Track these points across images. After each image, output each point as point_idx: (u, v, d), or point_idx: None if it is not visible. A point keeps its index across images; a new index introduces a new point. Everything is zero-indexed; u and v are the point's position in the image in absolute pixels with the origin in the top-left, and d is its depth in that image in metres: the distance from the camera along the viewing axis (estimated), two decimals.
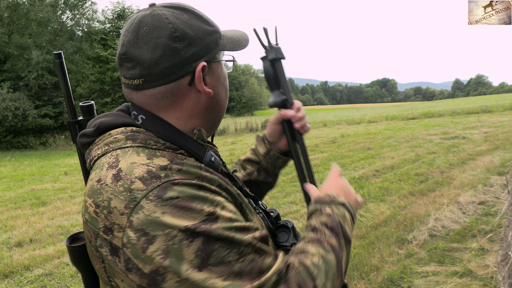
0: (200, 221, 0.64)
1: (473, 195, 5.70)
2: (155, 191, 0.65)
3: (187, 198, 0.65)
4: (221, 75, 0.85)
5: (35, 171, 11.82)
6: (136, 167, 0.68)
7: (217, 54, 0.82)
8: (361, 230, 4.80)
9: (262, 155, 1.15)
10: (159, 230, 0.62)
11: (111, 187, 0.67)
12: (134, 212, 0.64)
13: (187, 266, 0.62)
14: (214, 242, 0.63)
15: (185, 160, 0.74)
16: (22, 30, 23.35)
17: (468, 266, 3.54)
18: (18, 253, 4.74)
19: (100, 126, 0.77)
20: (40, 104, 22.64)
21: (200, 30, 0.78)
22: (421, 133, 13.82)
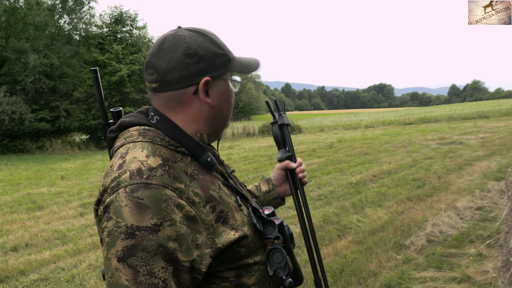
0: (143, 226, 0.77)
1: (470, 201, 5.70)
2: (132, 186, 0.81)
3: (147, 203, 0.79)
4: (225, 91, 1.01)
5: (32, 175, 11.76)
6: (134, 161, 0.85)
7: (224, 73, 0.99)
8: (358, 235, 4.79)
9: (262, 192, 1.37)
10: (115, 215, 0.79)
11: (114, 173, 0.85)
12: (113, 194, 0.82)
13: (113, 251, 0.77)
14: (139, 250, 0.77)
15: (177, 163, 0.90)
16: (20, 34, 23.28)
17: (466, 272, 3.53)
18: (14, 258, 4.70)
19: (121, 124, 0.99)
20: (37, 108, 22.51)
21: (210, 51, 0.95)
22: (418, 138, 13.86)
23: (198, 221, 0.85)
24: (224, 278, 0.93)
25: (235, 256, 0.93)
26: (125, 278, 0.76)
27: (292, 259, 1.07)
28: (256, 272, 0.98)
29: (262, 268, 1.00)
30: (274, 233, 1.02)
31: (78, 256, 4.66)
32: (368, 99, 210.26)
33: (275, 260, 0.98)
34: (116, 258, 0.77)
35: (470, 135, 13.74)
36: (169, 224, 0.80)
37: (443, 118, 22.98)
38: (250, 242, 0.96)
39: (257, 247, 0.99)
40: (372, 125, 23.24)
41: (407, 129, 18.77)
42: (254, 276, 0.97)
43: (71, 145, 22.53)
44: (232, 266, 0.93)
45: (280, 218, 1.07)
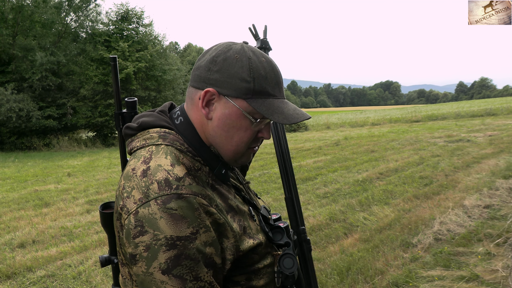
0: (182, 235, 0.79)
1: (478, 199, 5.65)
2: (163, 198, 0.80)
3: (181, 214, 0.80)
4: (229, 117, 0.92)
5: (39, 172, 11.82)
6: (160, 170, 0.85)
7: (236, 98, 0.91)
8: (365, 233, 4.77)
9: None
10: (151, 228, 0.79)
11: (138, 179, 0.85)
12: (143, 206, 0.81)
13: (156, 265, 0.78)
14: (183, 259, 0.78)
15: (199, 173, 0.91)
16: (26, 32, 23.39)
17: (474, 271, 3.49)
18: (21, 254, 4.72)
19: (142, 124, 0.96)
20: (44, 106, 22.62)
21: (233, 71, 0.90)
22: (425, 136, 13.77)
23: (227, 228, 0.88)
24: (235, 282, 0.95)
25: (249, 262, 0.96)
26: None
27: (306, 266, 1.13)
28: (265, 275, 1.00)
29: (270, 271, 1.01)
30: (284, 238, 1.04)
31: (85, 253, 4.67)
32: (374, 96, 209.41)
33: (287, 265, 1.00)
34: (160, 271, 0.78)
35: (478, 132, 13.62)
36: (204, 230, 0.82)
37: (451, 116, 22.82)
38: (262, 249, 0.99)
39: (266, 252, 1.01)
40: (379, 123, 23.14)
41: (414, 126, 18.66)
42: (263, 279, 0.99)
43: (78, 142, 22.65)
44: (244, 271, 0.96)
45: (286, 222, 1.11)
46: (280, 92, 0.96)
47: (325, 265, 3.96)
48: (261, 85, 0.91)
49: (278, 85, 0.95)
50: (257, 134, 0.97)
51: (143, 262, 0.79)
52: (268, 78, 0.93)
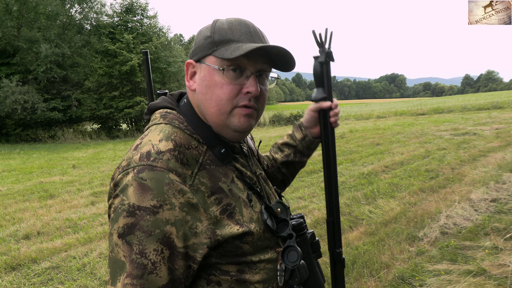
0: (143, 206, 0.79)
1: (485, 192, 5.59)
2: (140, 167, 0.84)
3: (149, 185, 0.81)
4: (205, 77, 0.93)
5: (44, 164, 11.87)
6: (147, 144, 0.88)
7: (205, 57, 0.93)
8: (370, 226, 4.73)
9: (299, 140, 1.32)
10: (122, 193, 0.82)
11: (130, 152, 0.90)
12: (123, 174, 0.85)
13: (115, 227, 0.81)
14: (137, 229, 0.79)
15: (191, 150, 0.90)
16: (31, 24, 23.40)
17: (481, 265, 3.45)
18: (26, 246, 4.73)
19: (150, 107, 1.03)
20: (48, 98, 22.69)
21: (201, 34, 0.96)
22: (431, 129, 13.67)
23: (200, 209, 0.85)
24: (224, 271, 0.91)
25: (237, 252, 0.91)
26: (123, 254, 0.79)
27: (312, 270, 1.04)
28: (262, 270, 0.95)
29: (270, 268, 0.96)
30: (287, 231, 0.99)
31: (89, 245, 4.67)
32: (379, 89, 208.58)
33: (290, 259, 0.95)
34: (117, 234, 0.80)
35: (484, 125, 13.51)
36: (169, 208, 0.81)
37: (457, 109, 22.66)
38: (256, 240, 0.93)
39: (266, 245, 0.96)
40: (384, 116, 23.03)
41: (419, 119, 18.56)
42: (258, 274, 0.94)
43: (83, 134, 22.73)
44: (233, 260, 0.91)
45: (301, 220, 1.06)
46: (250, 38, 0.92)
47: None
48: (222, 35, 0.92)
49: (248, 33, 0.93)
50: (241, 89, 0.93)
51: (110, 223, 0.83)
52: (233, 28, 0.92)
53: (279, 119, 22.81)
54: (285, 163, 1.35)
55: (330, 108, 1.21)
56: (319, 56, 1.20)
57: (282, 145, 1.36)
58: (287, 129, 18.61)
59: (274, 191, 1.16)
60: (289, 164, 1.36)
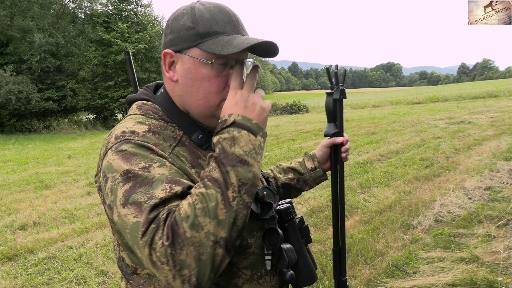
0: (134, 168, 0.79)
1: (479, 181, 5.64)
2: (117, 145, 0.85)
3: (131, 151, 0.82)
4: (190, 70, 0.91)
5: (39, 154, 11.83)
6: (120, 128, 0.89)
7: (187, 48, 0.91)
8: (365, 215, 4.77)
9: (308, 169, 1.35)
10: (110, 173, 0.82)
11: (105, 140, 0.91)
12: (104, 158, 0.86)
13: (118, 202, 0.78)
14: (137, 187, 0.77)
15: (167, 131, 0.93)
16: (24, 13, 23.13)
17: (474, 252, 3.50)
18: (22, 236, 4.74)
19: (127, 99, 1.04)
20: (43, 88, 22.53)
21: (180, 24, 0.92)
22: (426, 118, 13.72)
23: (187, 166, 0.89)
24: None
25: None
26: (133, 216, 0.76)
27: (302, 254, 1.04)
28: (250, 256, 0.95)
29: (258, 253, 0.96)
30: (270, 213, 0.98)
31: (86, 235, 4.69)
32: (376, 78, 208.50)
33: (271, 241, 0.95)
34: (121, 206, 0.77)
35: (479, 114, 13.57)
36: (159, 164, 0.82)
37: (452, 98, 22.72)
38: None
39: (251, 229, 0.96)
40: (380, 105, 23.05)
41: (415, 108, 18.59)
42: (247, 260, 0.94)
43: (78, 125, 22.63)
44: None
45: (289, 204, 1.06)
46: (234, 29, 0.92)
47: (325, 246, 3.97)
48: (207, 26, 0.90)
49: (231, 23, 0.92)
50: (227, 81, 0.92)
51: (114, 207, 0.80)
52: (216, 18, 0.90)
53: (275, 108, 22.79)
54: (286, 185, 1.36)
55: (342, 144, 1.30)
56: (333, 93, 1.27)
57: (288, 168, 1.38)
58: (283, 118, 18.61)
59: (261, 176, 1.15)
60: (289, 188, 1.37)
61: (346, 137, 1.31)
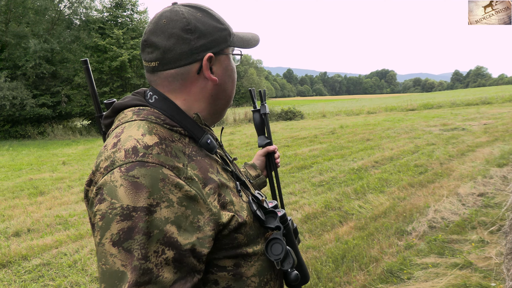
0: (139, 206, 0.73)
1: (472, 187, 5.68)
2: (128, 165, 0.76)
3: (143, 182, 0.74)
4: (228, 67, 0.98)
5: (33, 160, 11.77)
6: (129, 140, 0.81)
7: (225, 48, 0.96)
8: (360, 221, 4.79)
9: (253, 177, 1.46)
10: (109, 196, 0.74)
11: (107, 151, 0.81)
12: (108, 174, 0.77)
13: (108, 235, 0.72)
14: (136, 232, 0.72)
15: (175, 143, 0.86)
16: (19, 19, 23.10)
17: (468, 258, 3.53)
18: (16, 243, 4.72)
19: (115, 106, 0.95)
20: (38, 94, 22.47)
21: (210, 26, 0.92)
22: (421, 125, 13.80)
23: (200, 201, 0.81)
24: (222, 267, 0.88)
25: (233, 243, 0.88)
26: (121, 264, 0.71)
27: (296, 255, 1.05)
28: (256, 262, 0.94)
29: (263, 259, 0.95)
30: (275, 222, 0.98)
31: (80, 241, 4.67)
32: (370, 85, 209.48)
33: (274, 252, 0.94)
34: (111, 242, 0.71)
35: (473, 121, 13.67)
36: (167, 205, 0.75)
37: (446, 104, 22.87)
38: (248, 229, 0.92)
39: (257, 236, 0.95)
40: (374, 111, 23.16)
41: (409, 115, 18.69)
42: (254, 267, 0.93)
43: (73, 131, 22.54)
44: (229, 254, 0.89)
45: (283, 210, 1.06)
46: None
47: (320, 253, 3.98)
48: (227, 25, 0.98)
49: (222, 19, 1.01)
50: None
51: (98, 232, 0.73)
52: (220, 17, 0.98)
53: (270, 115, 22.84)
54: None
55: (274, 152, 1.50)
56: (260, 109, 1.46)
57: None
58: (278, 124, 18.65)
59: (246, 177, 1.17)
60: None
61: (275, 146, 1.50)
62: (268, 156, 1.49)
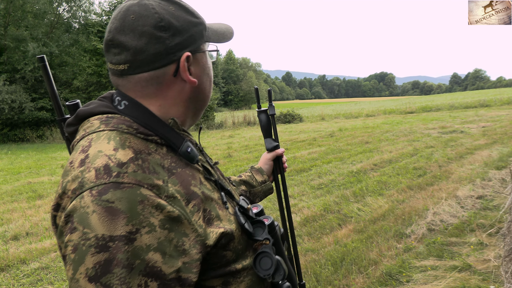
0: (117, 235, 0.63)
1: (471, 189, 5.69)
2: (99, 188, 0.66)
3: (119, 207, 0.65)
4: (206, 65, 0.89)
5: (32, 164, 11.76)
6: (99, 156, 0.70)
7: (202, 45, 0.86)
8: (359, 224, 4.79)
9: (259, 182, 1.38)
10: (81, 225, 0.64)
11: (75, 171, 0.70)
12: (76, 199, 0.66)
13: (83, 270, 0.62)
14: (114, 265, 0.63)
15: (152, 156, 0.75)
16: (18, 22, 23.14)
17: (467, 261, 3.53)
18: (14, 247, 4.71)
19: (79, 113, 0.82)
20: (36, 97, 22.48)
21: (185, 21, 0.82)
22: (419, 127, 13.82)
23: (184, 221, 0.72)
24: (209, 287, 0.81)
25: (221, 262, 0.81)
26: None
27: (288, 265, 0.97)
28: (246, 277, 0.86)
29: (252, 273, 0.88)
30: (264, 234, 0.90)
31: None
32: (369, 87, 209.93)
33: (263, 266, 0.87)
34: (87, 278, 0.62)
35: (471, 124, 13.70)
36: (148, 230, 0.66)
37: (444, 107, 22.92)
38: (237, 244, 0.84)
39: (245, 249, 0.88)
40: (373, 114, 23.19)
41: (408, 118, 18.73)
42: (243, 283, 0.85)
43: None
44: (217, 273, 0.81)
45: (271, 217, 0.97)
46: None
47: (319, 255, 3.98)
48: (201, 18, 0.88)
49: None
50: None
51: (71, 266, 0.64)
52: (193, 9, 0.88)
53: None
54: None
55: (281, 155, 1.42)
56: (268, 109, 1.38)
57: (240, 181, 1.36)
58: (277, 127, 18.66)
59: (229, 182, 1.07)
60: None
61: (282, 149, 1.42)
62: (275, 160, 1.42)
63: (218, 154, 11.04)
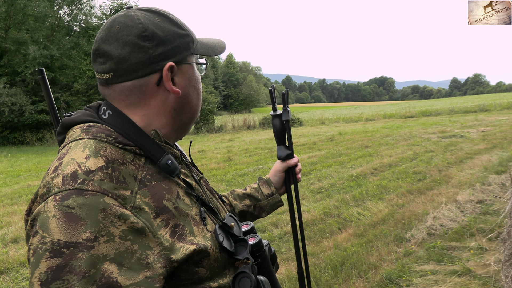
0: (72, 241, 0.63)
1: (471, 194, 5.69)
2: (63, 193, 0.66)
3: (78, 214, 0.64)
4: (192, 77, 0.88)
5: (32, 167, 11.76)
6: (70, 163, 0.71)
7: (188, 56, 0.86)
8: (359, 228, 4.79)
9: (265, 195, 1.30)
10: (41, 229, 0.64)
11: (47, 177, 0.71)
12: (42, 203, 0.67)
13: (37, 274, 0.62)
14: (66, 272, 0.62)
15: (125, 166, 0.75)
16: (19, 25, 23.20)
17: (466, 265, 3.53)
18: (14, 250, 4.70)
19: (64, 122, 0.84)
20: (37, 100, 22.52)
21: (170, 32, 0.82)
22: (419, 132, 13.83)
23: (148, 234, 0.70)
24: None
25: (193, 278, 0.78)
26: None
27: (273, 283, 0.95)
28: None
29: None
30: (244, 254, 0.87)
31: None
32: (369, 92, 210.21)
33: (242, 287, 0.83)
34: (40, 282, 0.61)
35: (471, 128, 13.71)
36: (106, 240, 0.65)
37: (444, 111, 22.94)
38: (213, 262, 0.81)
39: (223, 268, 0.85)
40: (373, 118, 23.21)
41: (408, 122, 18.74)
42: None
43: None
44: None
45: (258, 236, 0.94)
46: None
47: (319, 259, 3.98)
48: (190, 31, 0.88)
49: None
50: None
51: (30, 269, 0.64)
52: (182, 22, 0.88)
53: (268, 121, 22.86)
54: (243, 212, 1.28)
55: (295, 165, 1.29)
56: (282, 114, 1.22)
57: (244, 194, 1.31)
58: None
59: (218, 198, 1.06)
60: (245, 215, 1.30)
61: (297, 158, 1.29)
62: (288, 170, 1.29)
63: (218, 157, 11.05)
